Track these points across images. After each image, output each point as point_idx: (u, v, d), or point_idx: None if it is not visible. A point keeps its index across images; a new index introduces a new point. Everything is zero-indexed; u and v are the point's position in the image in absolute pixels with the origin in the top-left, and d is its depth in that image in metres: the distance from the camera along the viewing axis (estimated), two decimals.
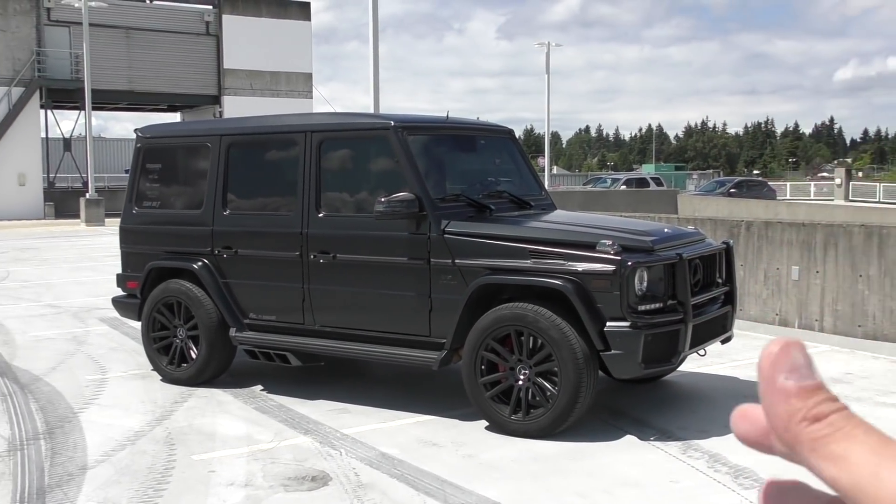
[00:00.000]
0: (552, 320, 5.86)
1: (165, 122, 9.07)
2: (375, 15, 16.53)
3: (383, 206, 6.31)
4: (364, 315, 6.74)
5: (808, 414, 0.46)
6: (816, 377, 0.47)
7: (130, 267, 8.09)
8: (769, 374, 0.47)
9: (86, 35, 32.32)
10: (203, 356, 7.43)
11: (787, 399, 0.46)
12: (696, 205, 29.61)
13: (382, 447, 5.86)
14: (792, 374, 0.47)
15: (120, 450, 5.86)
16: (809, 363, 0.48)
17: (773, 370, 0.47)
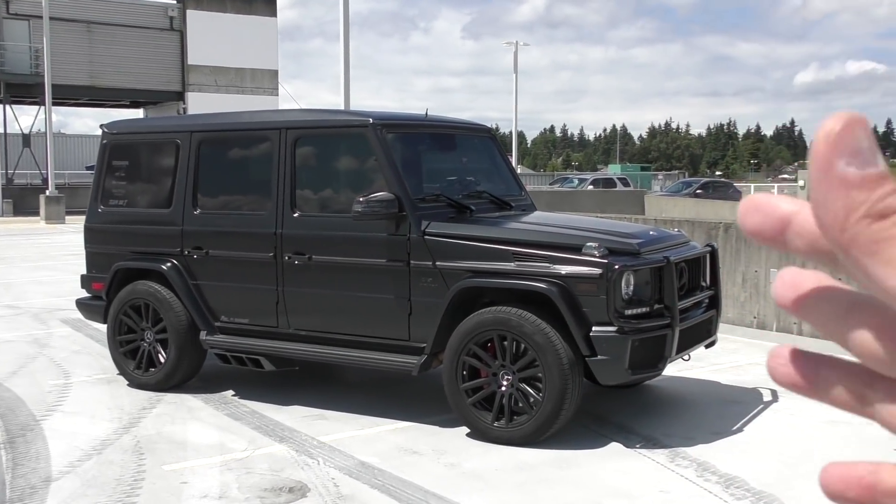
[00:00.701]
0: (537, 325, 5.70)
1: (133, 118, 8.78)
2: (346, 12, 16.29)
3: (362, 206, 6.11)
4: (341, 318, 6.53)
5: (873, 210, 0.37)
6: (882, 164, 0.38)
7: (96, 267, 7.80)
8: (826, 159, 0.38)
9: (46, 29, 31.65)
10: (172, 360, 7.17)
11: (848, 190, 0.38)
12: (663, 205, 29.66)
13: (361, 455, 5.67)
14: (854, 159, 0.38)
15: (86, 460, 5.60)
16: (874, 146, 0.39)
17: (831, 153, 0.38)
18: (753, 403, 6.86)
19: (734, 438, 6.05)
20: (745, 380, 7.60)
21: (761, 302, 9.26)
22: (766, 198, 0.41)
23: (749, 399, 6.99)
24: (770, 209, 0.41)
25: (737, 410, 6.67)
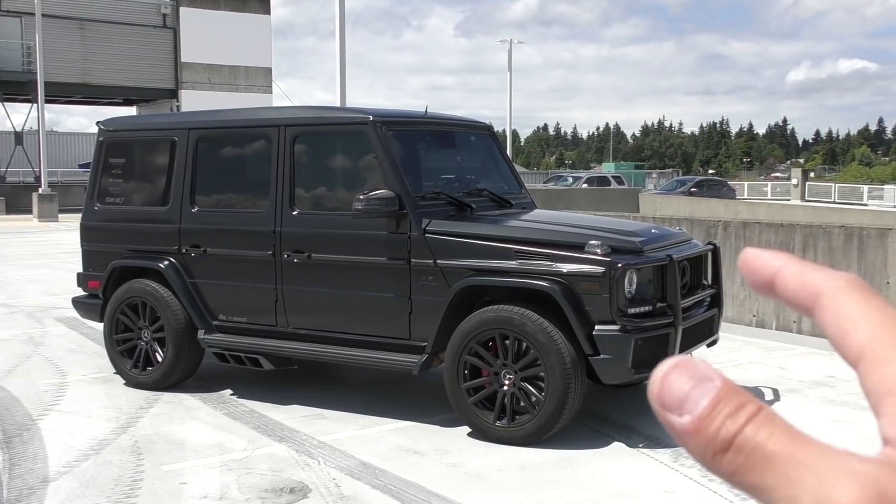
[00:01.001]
0: (539, 324, 5.66)
1: (129, 115, 8.70)
2: (342, 9, 16.21)
3: (362, 203, 6.06)
4: (340, 317, 6.48)
5: (716, 447, 0.38)
6: (708, 396, 0.38)
7: (92, 266, 7.73)
8: (663, 419, 0.40)
9: (38, 26, 31.48)
10: (169, 359, 7.11)
11: (691, 438, 0.38)
12: (658, 203, 29.67)
13: (362, 456, 5.61)
14: (682, 409, 0.39)
15: (84, 460, 5.54)
16: (698, 380, 0.39)
17: (663, 413, 0.40)
18: None
19: None
20: (746, 378, 7.57)
21: (760, 300, 9.23)
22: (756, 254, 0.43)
23: None
24: None
25: None
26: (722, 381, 0.39)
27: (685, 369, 0.39)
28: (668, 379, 0.39)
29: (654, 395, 0.40)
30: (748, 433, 0.37)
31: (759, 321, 9.26)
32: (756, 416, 0.38)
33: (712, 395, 0.38)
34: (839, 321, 0.40)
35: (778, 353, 8.60)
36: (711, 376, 0.39)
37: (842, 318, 0.40)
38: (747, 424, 0.38)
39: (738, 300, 9.39)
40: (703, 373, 0.39)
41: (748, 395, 0.39)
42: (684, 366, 0.40)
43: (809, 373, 7.78)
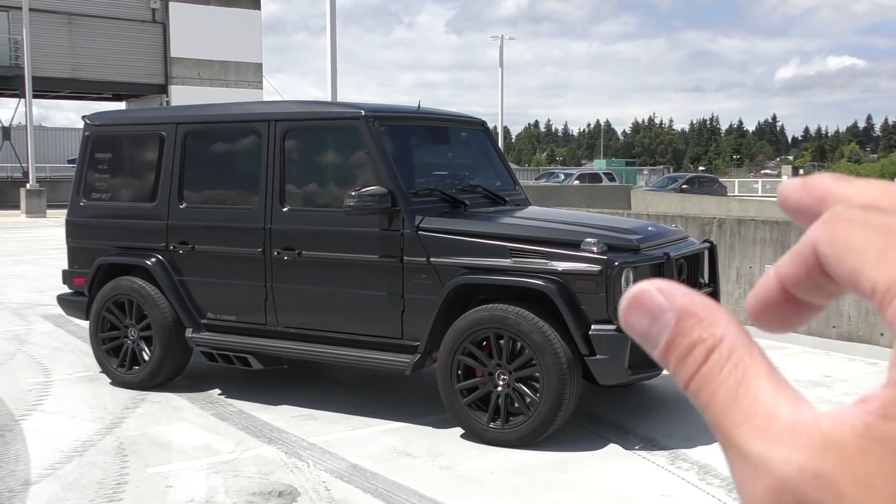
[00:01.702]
0: (534, 323, 5.54)
1: (116, 109, 8.55)
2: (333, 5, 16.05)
3: (354, 200, 5.93)
4: (331, 316, 6.35)
5: (679, 384, 0.35)
6: (664, 334, 0.35)
7: (78, 263, 7.58)
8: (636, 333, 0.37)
9: (25, 20, 31.18)
10: (156, 358, 6.97)
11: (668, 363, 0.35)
12: (649, 200, 29.58)
13: (353, 458, 5.49)
14: (647, 345, 0.36)
15: (67, 462, 5.40)
16: (653, 316, 0.35)
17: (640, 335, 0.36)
18: None
19: None
20: None
21: None
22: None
23: None
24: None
25: None
26: (676, 312, 0.35)
27: (641, 304, 0.36)
28: (627, 318, 0.36)
29: (624, 325, 0.37)
30: (693, 388, 0.34)
31: None
32: (704, 364, 0.34)
33: (666, 333, 0.35)
34: (845, 262, 0.33)
35: (774, 352, 8.50)
36: (664, 308, 0.35)
37: (846, 258, 0.33)
38: (694, 376, 0.34)
39: (734, 298, 9.30)
40: (657, 305, 0.35)
41: (703, 328, 0.34)
42: (640, 301, 0.36)
43: (806, 372, 7.69)
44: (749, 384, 0.33)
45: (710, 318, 0.34)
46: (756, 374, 0.33)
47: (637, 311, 0.36)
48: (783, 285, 0.36)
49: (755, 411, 0.32)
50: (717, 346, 0.34)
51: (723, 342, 0.34)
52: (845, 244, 0.33)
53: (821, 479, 0.30)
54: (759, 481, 0.31)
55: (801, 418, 0.31)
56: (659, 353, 0.35)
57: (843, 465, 0.30)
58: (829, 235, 0.34)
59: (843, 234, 0.33)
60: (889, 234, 0.33)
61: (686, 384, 0.34)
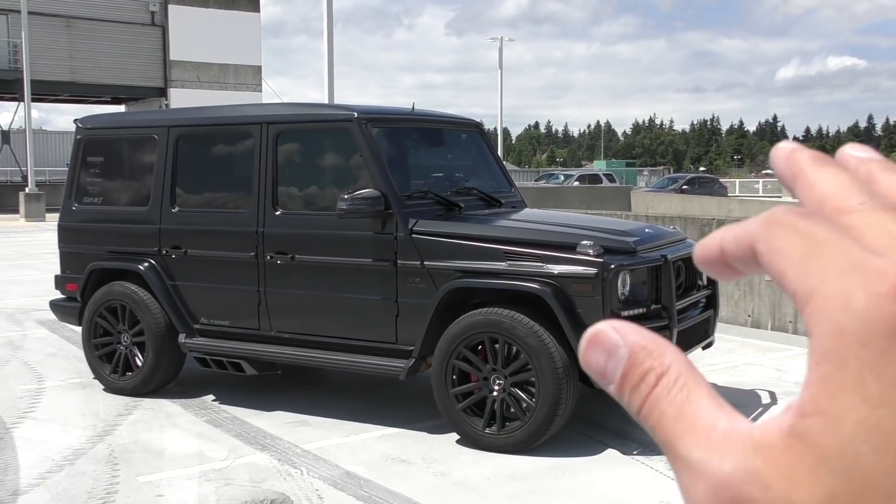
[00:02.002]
0: (530, 327, 5.47)
1: (108, 113, 8.47)
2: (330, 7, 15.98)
3: (346, 203, 5.86)
4: (325, 320, 6.28)
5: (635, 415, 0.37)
6: (619, 368, 0.37)
7: (70, 268, 7.51)
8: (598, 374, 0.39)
9: (24, 23, 31.16)
10: (149, 364, 6.90)
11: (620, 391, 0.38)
12: (650, 201, 29.52)
13: (346, 465, 5.42)
14: (606, 382, 0.38)
15: (57, 471, 5.33)
16: (609, 353, 0.38)
17: (600, 376, 0.38)
18: (752, 406, 6.66)
19: None
20: (742, 381, 7.40)
21: (756, 300, 9.06)
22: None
23: (747, 401, 6.78)
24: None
25: None
26: (629, 346, 0.37)
27: (598, 343, 0.38)
28: (587, 357, 0.39)
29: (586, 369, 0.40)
30: (644, 412, 0.36)
31: (754, 321, 9.09)
32: (654, 389, 0.36)
33: (621, 367, 0.37)
34: (773, 264, 0.36)
35: (774, 353, 8.43)
36: (618, 344, 0.38)
37: (774, 260, 0.36)
38: (645, 401, 0.36)
39: (734, 300, 9.22)
40: (613, 342, 0.38)
41: (653, 358, 0.37)
42: (596, 339, 0.38)
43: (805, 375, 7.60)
44: (692, 403, 0.35)
45: (659, 350, 0.37)
46: (699, 394, 0.36)
47: (595, 349, 0.38)
48: (724, 256, 0.39)
49: (697, 425, 0.35)
50: (665, 374, 0.36)
51: (670, 370, 0.36)
52: (775, 247, 0.36)
53: (751, 475, 0.33)
54: (700, 483, 0.34)
55: (736, 428, 0.34)
56: (615, 387, 0.37)
57: (770, 462, 0.33)
58: (763, 235, 0.36)
59: (775, 237, 0.36)
60: (812, 242, 0.35)
61: (638, 409, 0.37)
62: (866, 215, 0.36)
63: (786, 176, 0.40)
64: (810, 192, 0.38)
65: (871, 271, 0.33)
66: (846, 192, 0.37)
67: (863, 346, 0.32)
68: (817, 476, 0.32)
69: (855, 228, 0.36)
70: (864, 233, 0.36)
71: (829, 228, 0.36)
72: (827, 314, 0.33)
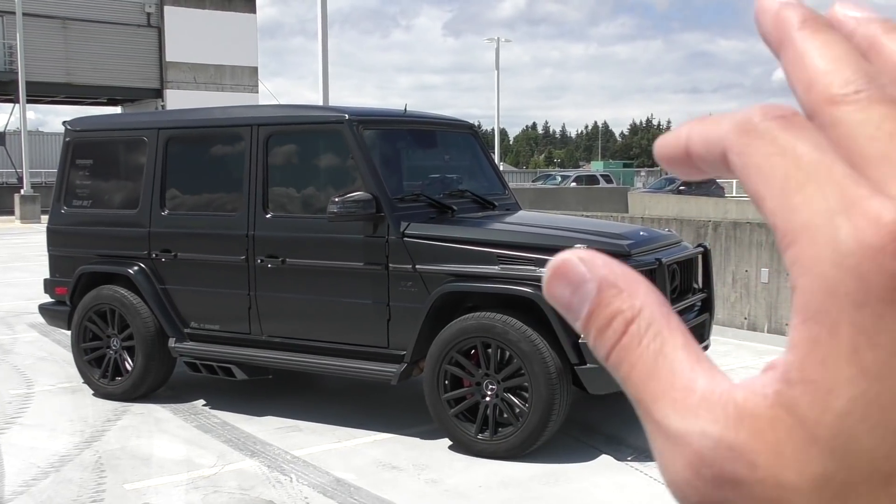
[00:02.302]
0: (522, 332, 5.40)
1: (97, 115, 8.40)
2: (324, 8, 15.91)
3: (337, 206, 5.79)
4: (316, 324, 6.21)
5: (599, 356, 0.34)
6: (585, 304, 0.33)
7: (59, 271, 7.44)
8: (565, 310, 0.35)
9: (19, 24, 31.07)
10: (139, 369, 6.82)
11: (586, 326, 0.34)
12: (647, 202, 29.44)
13: (337, 471, 5.35)
14: (570, 316, 0.34)
15: (42, 478, 5.25)
16: (575, 286, 0.34)
17: (565, 308, 0.34)
18: None
19: None
20: None
21: (752, 302, 9.00)
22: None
23: None
24: None
25: None
26: (597, 282, 0.33)
27: (563, 275, 0.34)
28: (550, 289, 0.34)
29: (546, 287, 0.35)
30: (612, 360, 0.33)
31: (750, 323, 9.02)
32: (622, 336, 0.32)
33: (587, 304, 0.33)
34: (749, 182, 0.32)
35: (770, 356, 8.30)
36: (585, 278, 0.33)
37: (750, 179, 0.32)
38: (613, 349, 0.32)
39: (730, 302, 9.16)
40: (579, 276, 0.34)
41: (623, 299, 0.32)
42: (561, 271, 0.34)
43: None
44: (666, 356, 0.32)
45: (630, 289, 0.33)
46: (673, 345, 0.32)
47: (559, 281, 0.34)
48: (690, 155, 0.35)
49: (672, 384, 0.31)
50: (635, 318, 0.33)
51: (641, 313, 0.33)
52: (751, 162, 0.32)
53: (735, 451, 0.29)
54: (679, 456, 0.31)
55: (716, 389, 0.31)
56: (581, 324, 0.34)
57: (755, 435, 0.29)
58: (737, 144, 0.32)
59: (751, 150, 0.32)
60: (795, 164, 0.30)
61: (606, 356, 0.33)
62: (861, 108, 0.31)
63: (771, 41, 0.35)
64: (797, 67, 0.33)
65: (866, 216, 0.28)
66: (840, 73, 0.32)
67: (857, 308, 0.28)
68: (808, 455, 0.29)
69: (845, 127, 0.30)
70: (857, 137, 0.30)
71: (815, 143, 0.31)
72: (815, 266, 0.29)
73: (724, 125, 0.33)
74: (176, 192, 6.87)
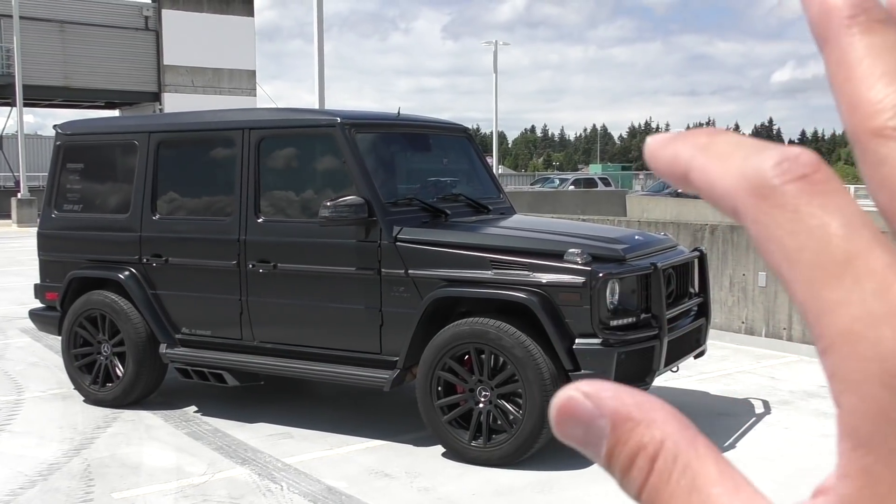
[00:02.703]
0: (516, 337, 5.33)
1: (89, 118, 8.33)
2: (320, 11, 15.86)
3: (329, 210, 5.72)
4: (308, 330, 6.14)
5: None
6: (602, 447, 0.30)
7: (49, 276, 7.37)
8: None
9: (16, 28, 31.03)
10: (130, 375, 6.75)
11: None
12: (645, 205, 29.35)
13: (328, 479, 5.27)
14: (589, 454, 0.32)
15: (29, 487, 5.18)
16: (586, 426, 0.31)
17: None
18: (745, 416, 6.52)
19: (726, 455, 5.66)
20: (736, 390, 7.27)
21: (749, 306, 8.93)
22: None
23: (740, 411, 6.65)
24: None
25: (728, 424, 6.32)
26: (609, 418, 0.30)
27: (569, 414, 0.31)
28: (561, 431, 0.31)
29: None
30: (645, 502, 0.30)
31: (748, 328, 8.95)
32: (649, 475, 0.29)
33: (604, 443, 0.31)
34: (771, 260, 0.28)
35: (768, 361, 8.29)
36: (594, 415, 0.30)
37: (772, 256, 0.27)
38: (643, 490, 0.30)
39: (727, 306, 9.09)
40: (587, 414, 0.31)
41: (641, 432, 0.30)
42: (567, 410, 0.31)
43: (801, 383, 7.48)
44: (700, 490, 0.29)
45: (647, 419, 0.30)
46: (706, 477, 0.29)
47: (567, 422, 0.31)
48: (690, 184, 0.32)
49: None
50: (659, 452, 0.29)
51: (665, 445, 0.29)
52: (772, 237, 0.27)
53: None
54: None
55: None
56: (602, 465, 0.31)
57: None
58: (753, 215, 0.28)
59: (771, 223, 0.27)
60: (826, 247, 0.26)
61: (637, 497, 0.30)
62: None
63: (816, 34, 0.30)
64: (840, 77, 0.27)
65: None
66: (892, 96, 0.26)
67: None
68: None
69: (893, 168, 0.25)
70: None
71: (848, 216, 0.26)
72: (861, 385, 0.25)
73: (732, 173, 0.28)
74: (167, 196, 6.81)
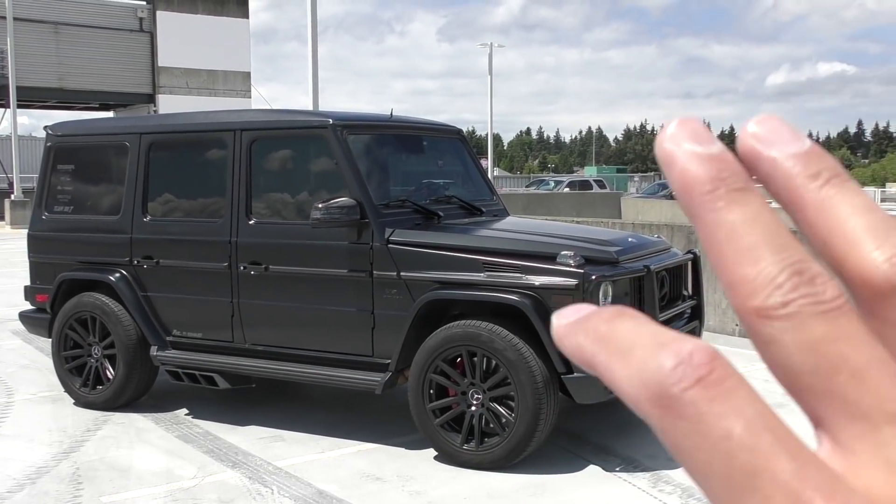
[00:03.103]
0: (508, 340, 5.30)
1: (80, 119, 8.29)
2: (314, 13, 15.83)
3: (321, 212, 5.69)
4: (299, 333, 6.10)
5: None
6: None
7: (40, 278, 7.32)
8: None
9: (10, 29, 30.95)
10: (120, 377, 6.70)
11: None
12: (640, 207, 29.36)
13: (320, 483, 5.23)
14: None
15: (17, 491, 5.13)
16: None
17: None
18: None
19: None
20: None
21: None
22: None
23: None
24: None
25: None
26: None
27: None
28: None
29: None
30: None
31: (741, 331, 8.91)
32: None
33: None
34: (686, 468, 0.27)
35: (762, 363, 8.23)
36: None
37: (685, 465, 0.27)
38: None
39: (721, 308, 9.07)
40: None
41: None
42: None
43: None
44: None
45: None
46: None
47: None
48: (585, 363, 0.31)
49: None
50: None
51: None
52: (681, 448, 0.26)
53: None
54: None
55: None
56: None
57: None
58: (659, 425, 0.27)
59: (677, 435, 0.26)
60: (729, 460, 0.26)
61: None
62: (796, 328, 0.26)
63: (685, 212, 0.29)
64: (713, 252, 0.28)
65: None
66: (762, 272, 0.26)
67: None
68: None
69: (780, 350, 0.26)
70: (795, 368, 0.26)
71: (749, 417, 0.26)
72: None
73: (633, 380, 0.26)
74: (158, 198, 6.76)
